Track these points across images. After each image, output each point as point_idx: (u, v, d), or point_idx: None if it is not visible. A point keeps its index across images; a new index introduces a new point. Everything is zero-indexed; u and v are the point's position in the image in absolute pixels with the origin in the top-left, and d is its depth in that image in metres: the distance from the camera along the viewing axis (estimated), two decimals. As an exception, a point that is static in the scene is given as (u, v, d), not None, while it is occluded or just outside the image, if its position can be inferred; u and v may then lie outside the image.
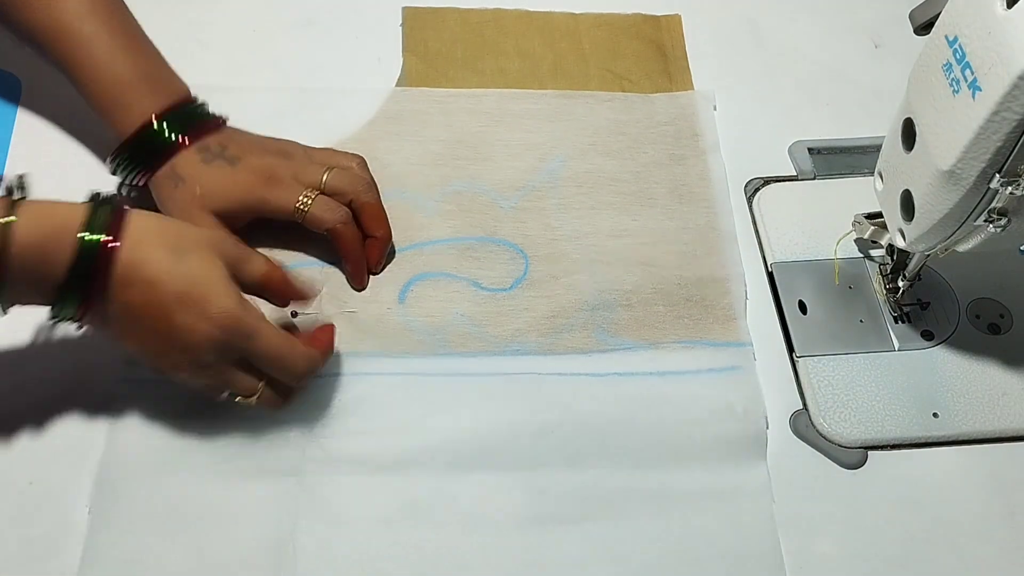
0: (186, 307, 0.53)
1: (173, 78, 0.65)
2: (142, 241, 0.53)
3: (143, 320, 0.53)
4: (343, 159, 0.68)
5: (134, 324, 0.54)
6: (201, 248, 0.54)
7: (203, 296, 0.53)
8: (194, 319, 0.53)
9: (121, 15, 0.64)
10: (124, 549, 0.57)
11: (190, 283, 0.53)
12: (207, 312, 0.53)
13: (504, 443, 0.62)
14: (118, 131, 0.64)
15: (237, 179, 0.64)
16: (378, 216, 0.68)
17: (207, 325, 0.53)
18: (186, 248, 0.54)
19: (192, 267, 0.53)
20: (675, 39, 0.83)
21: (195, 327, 0.53)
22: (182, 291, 0.53)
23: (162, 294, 0.52)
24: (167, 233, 0.54)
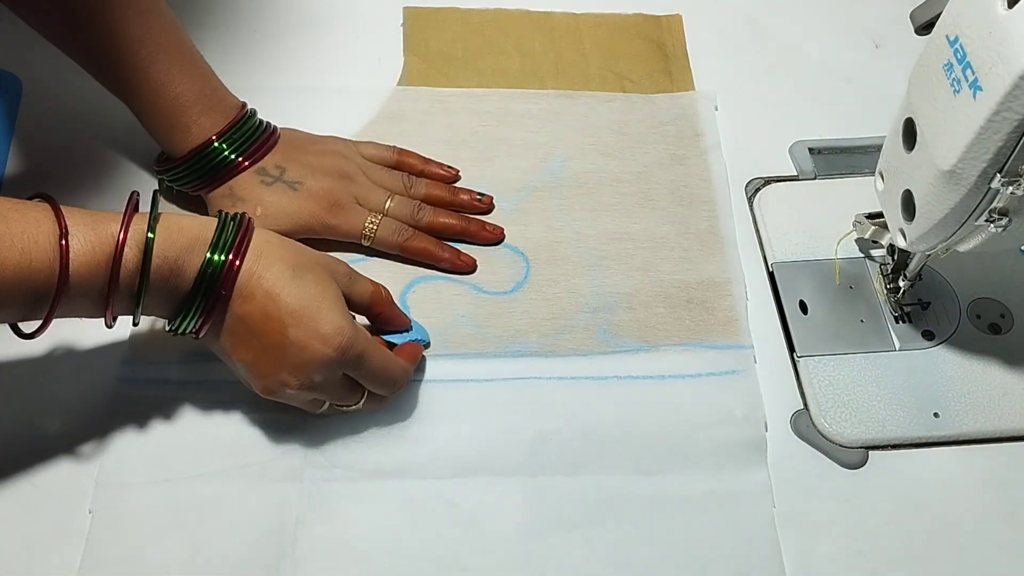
0: (301, 323, 0.54)
1: (227, 95, 0.66)
2: (263, 255, 0.54)
3: (258, 333, 0.54)
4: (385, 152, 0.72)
5: (249, 337, 0.54)
6: (317, 267, 0.56)
7: (318, 314, 0.54)
8: (308, 336, 0.54)
9: (176, 36, 0.64)
10: (125, 551, 0.57)
11: (306, 300, 0.54)
12: (321, 330, 0.54)
13: (504, 448, 0.62)
14: (171, 150, 0.65)
15: (301, 205, 0.66)
16: (446, 227, 0.70)
17: (320, 343, 0.54)
18: (304, 266, 0.55)
19: (308, 285, 0.55)
20: (676, 39, 0.83)
21: (308, 344, 0.54)
22: (297, 307, 0.54)
23: (279, 308, 0.54)
24: (287, 250, 0.56)
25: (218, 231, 0.53)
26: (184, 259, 0.52)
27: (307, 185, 0.66)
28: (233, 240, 0.53)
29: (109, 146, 0.70)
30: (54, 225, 0.50)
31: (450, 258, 0.68)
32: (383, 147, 0.72)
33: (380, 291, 0.61)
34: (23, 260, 0.48)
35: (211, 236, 0.53)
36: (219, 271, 0.53)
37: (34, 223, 0.49)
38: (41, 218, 0.50)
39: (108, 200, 0.69)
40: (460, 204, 0.71)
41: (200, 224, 0.54)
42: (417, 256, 0.68)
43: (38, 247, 0.49)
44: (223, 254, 0.53)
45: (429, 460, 0.61)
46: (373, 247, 0.68)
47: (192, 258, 0.52)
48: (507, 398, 0.64)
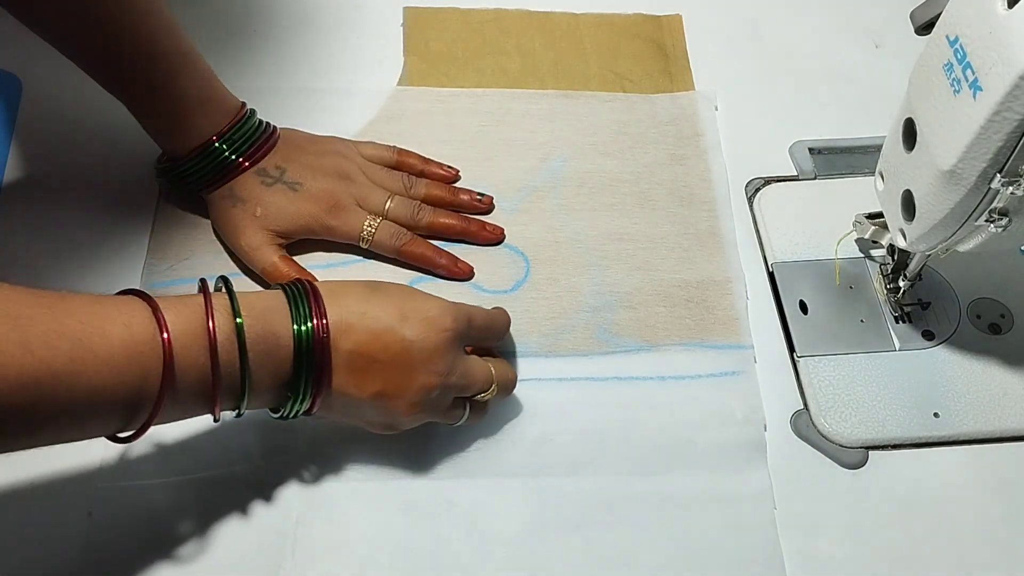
0: (408, 319, 0.54)
1: (226, 96, 0.66)
2: (336, 293, 0.54)
3: (376, 354, 0.53)
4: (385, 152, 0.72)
5: (369, 364, 0.53)
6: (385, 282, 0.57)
7: (416, 305, 0.55)
8: (422, 327, 0.54)
9: (175, 36, 0.63)
10: (126, 554, 0.57)
11: (398, 302, 0.55)
12: (429, 315, 0.55)
13: (505, 449, 0.62)
14: (171, 151, 0.65)
15: (300, 206, 0.66)
16: (447, 228, 0.70)
17: (436, 327, 0.55)
18: (373, 282, 0.56)
19: (390, 291, 0.56)
20: (676, 39, 0.83)
21: (428, 334, 0.55)
22: (396, 310, 0.54)
23: (381, 320, 0.54)
24: (349, 281, 0.56)
25: (290, 301, 0.52)
26: (272, 327, 0.51)
27: (307, 186, 0.66)
28: (308, 304, 0.52)
29: (109, 146, 0.70)
30: (144, 303, 0.48)
31: (447, 264, 0.68)
32: (383, 147, 0.72)
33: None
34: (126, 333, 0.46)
35: (282, 302, 0.52)
36: (311, 334, 0.51)
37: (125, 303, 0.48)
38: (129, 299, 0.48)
39: (108, 200, 0.69)
40: (460, 204, 0.71)
41: (271, 295, 0.53)
42: (414, 261, 0.68)
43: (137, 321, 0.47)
44: (307, 321, 0.52)
45: (430, 461, 0.61)
46: (371, 250, 0.68)
47: (279, 324, 0.51)
48: (508, 399, 0.63)
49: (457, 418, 0.59)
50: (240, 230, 0.65)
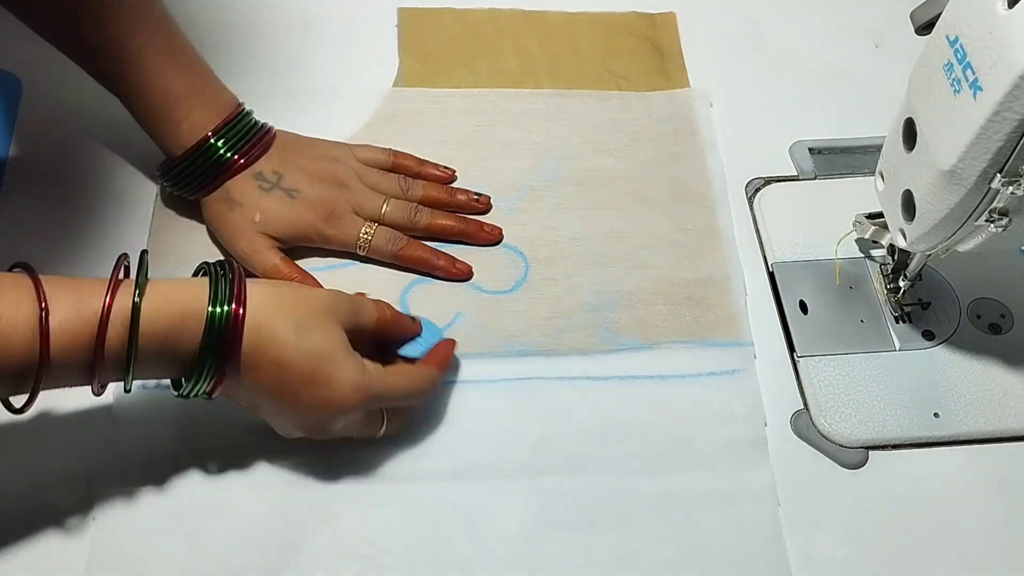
0: (315, 386, 0.53)
1: (221, 91, 0.66)
2: (267, 316, 0.52)
3: (274, 397, 0.54)
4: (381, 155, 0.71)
5: (264, 402, 0.54)
6: (320, 318, 0.54)
7: (329, 375, 0.53)
8: (324, 398, 0.54)
9: (168, 30, 0.63)
10: (129, 557, 0.57)
11: (316, 362, 0.53)
12: (336, 389, 0.54)
13: (506, 449, 0.62)
14: (166, 148, 0.65)
15: (298, 213, 0.65)
16: (444, 229, 0.69)
17: (336, 401, 0.54)
18: (306, 322, 0.53)
19: (315, 344, 0.53)
20: (671, 37, 0.83)
21: (325, 405, 0.54)
22: (309, 372, 0.53)
23: (290, 376, 0.53)
24: (288, 305, 0.53)
25: (212, 285, 0.52)
26: (178, 330, 0.50)
27: (304, 193, 0.66)
28: (229, 291, 0.51)
29: (109, 146, 0.70)
30: (34, 304, 0.47)
31: (445, 265, 0.68)
32: (379, 150, 0.72)
33: (384, 312, 0.59)
34: (2, 343, 0.46)
35: (204, 302, 0.51)
36: (223, 325, 0.51)
37: (13, 304, 0.47)
38: (21, 298, 0.48)
39: (107, 200, 0.69)
40: (458, 205, 0.71)
41: (191, 289, 0.52)
42: (412, 264, 0.68)
43: (16, 331, 0.47)
44: (224, 305, 0.51)
45: (431, 462, 0.61)
46: (368, 256, 0.68)
47: (187, 328, 0.50)
48: (508, 399, 0.63)
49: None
50: (239, 234, 0.65)
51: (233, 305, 0.51)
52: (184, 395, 0.53)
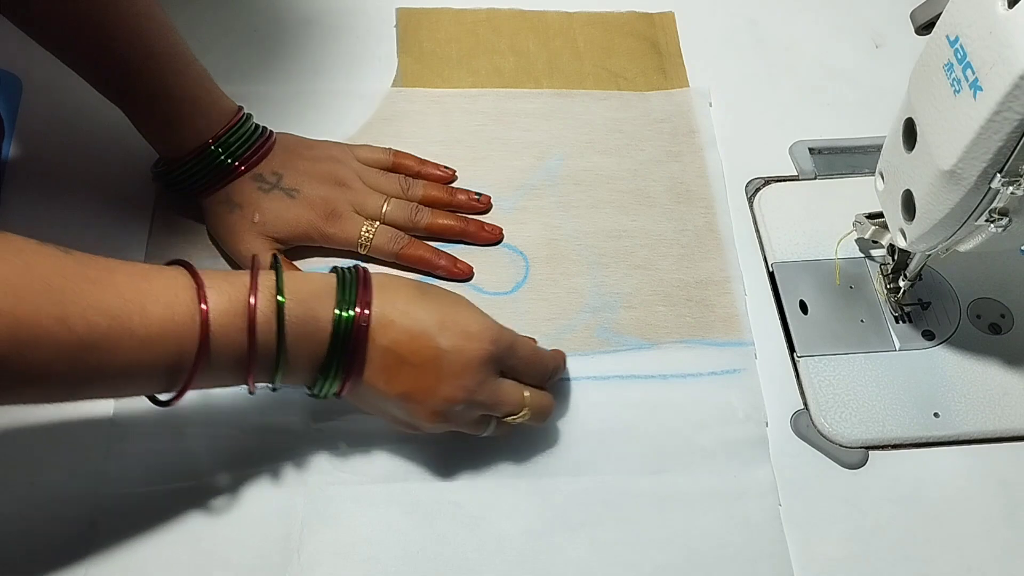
0: (447, 330, 0.54)
1: (222, 99, 0.66)
2: (385, 286, 0.54)
3: (408, 356, 0.54)
4: (381, 155, 0.71)
5: (400, 365, 0.54)
6: (436, 285, 0.58)
7: (460, 317, 0.55)
8: (458, 339, 0.54)
9: (169, 39, 0.63)
10: (130, 559, 0.57)
11: (443, 308, 0.55)
12: (469, 330, 0.55)
13: (508, 450, 0.62)
14: (166, 154, 0.65)
15: (298, 213, 0.66)
16: (445, 229, 0.70)
17: (473, 342, 0.54)
18: (425, 285, 0.57)
19: (439, 296, 0.56)
20: (669, 36, 0.83)
21: (462, 347, 0.54)
22: (439, 317, 0.54)
23: (421, 323, 0.54)
24: (403, 279, 0.56)
25: (340, 284, 0.53)
26: (315, 309, 0.52)
27: (304, 193, 0.66)
28: (355, 292, 0.53)
29: (109, 146, 0.70)
30: (191, 281, 0.50)
31: (446, 265, 0.68)
32: (379, 150, 0.72)
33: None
34: (167, 313, 0.48)
35: (334, 286, 0.53)
36: (351, 322, 0.52)
37: (172, 279, 0.49)
38: (178, 275, 0.50)
39: (107, 200, 0.69)
40: (458, 204, 0.71)
41: (322, 278, 0.54)
42: (413, 264, 0.68)
43: (179, 300, 0.49)
44: (351, 308, 0.52)
45: (433, 462, 0.61)
46: (370, 255, 0.67)
47: (323, 304, 0.52)
48: None
49: (481, 432, 0.59)
50: (238, 235, 0.65)
51: (358, 309, 0.52)
52: (315, 394, 0.55)
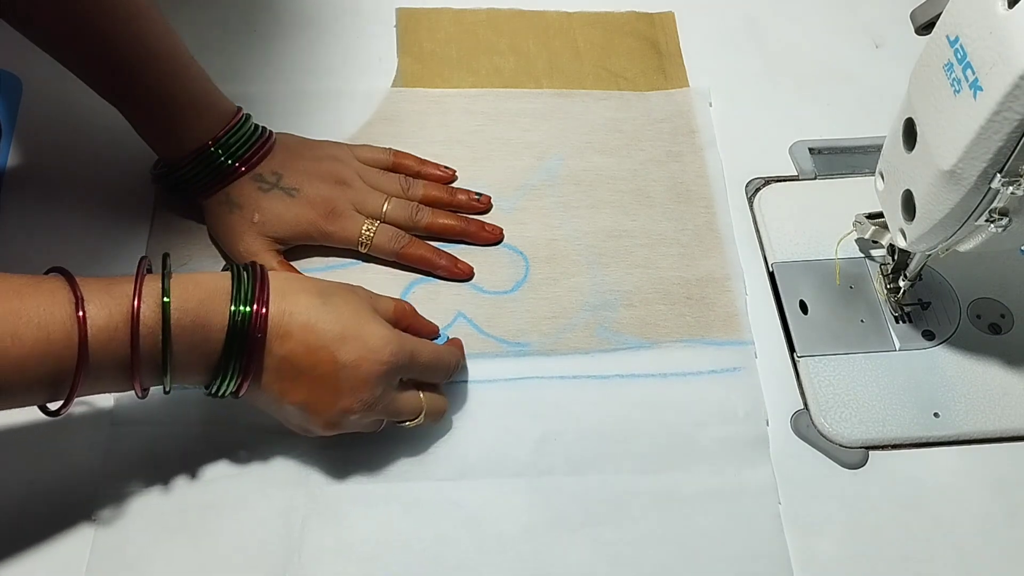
0: (346, 344, 0.53)
1: (221, 100, 0.66)
2: (286, 293, 0.53)
3: (307, 368, 0.53)
4: (381, 155, 0.71)
5: (298, 375, 0.53)
6: (341, 290, 0.56)
7: (360, 330, 0.54)
8: (358, 354, 0.54)
9: (168, 41, 0.63)
10: (130, 559, 0.57)
11: (344, 321, 0.54)
12: (368, 344, 0.54)
13: (508, 449, 0.62)
14: (166, 156, 0.65)
15: (298, 212, 0.66)
16: (445, 229, 0.70)
17: (372, 356, 0.54)
18: (328, 291, 0.55)
19: (340, 307, 0.54)
20: (669, 36, 0.83)
21: (360, 362, 0.54)
22: (339, 330, 0.53)
23: (320, 336, 0.53)
24: (307, 283, 0.55)
25: (235, 282, 0.52)
26: (206, 311, 0.51)
27: (304, 192, 0.66)
28: (252, 289, 0.52)
29: (109, 146, 0.70)
30: (69, 294, 0.48)
31: (447, 265, 0.68)
32: (379, 149, 0.72)
33: (403, 305, 0.60)
34: (41, 334, 0.47)
35: (229, 286, 0.52)
36: (247, 321, 0.51)
37: (48, 295, 0.48)
38: (55, 289, 0.49)
39: (107, 200, 0.69)
40: (458, 204, 0.71)
41: (215, 276, 0.53)
42: (414, 263, 0.68)
43: (55, 319, 0.47)
44: (247, 305, 0.52)
45: (433, 462, 0.61)
46: (370, 254, 0.68)
47: (215, 309, 0.51)
48: (510, 398, 0.64)
49: (375, 430, 0.59)
50: (238, 236, 0.65)
51: (255, 305, 0.52)
52: (213, 394, 0.54)
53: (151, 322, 0.49)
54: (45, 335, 0.47)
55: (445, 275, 0.68)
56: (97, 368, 0.49)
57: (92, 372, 0.49)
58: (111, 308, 0.49)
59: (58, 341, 0.47)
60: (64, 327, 0.48)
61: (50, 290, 0.48)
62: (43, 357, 0.47)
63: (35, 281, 0.49)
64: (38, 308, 0.47)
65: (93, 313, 0.48)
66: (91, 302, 0.48)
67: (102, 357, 0.49)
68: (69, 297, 0.48)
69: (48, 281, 0.49)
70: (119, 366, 0.50)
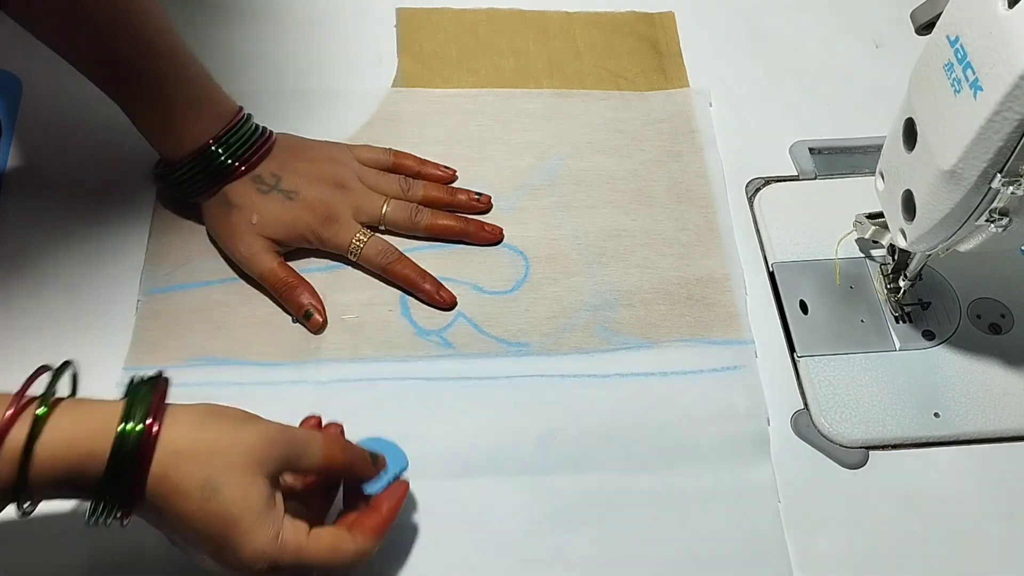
0: (219, 549, 0.48)
1: (222, 99, 0.66)
2: (174, 462, 0.47)
3: (182, 547, 0.50)
4: (381, 155, 0.71)
5: (171, 537, 0.50)
6: (238, 472, 0.48)
7: (235, 541, 0.48)
8: (229, 560, 0.48)
9: (170, 39, 0.63)
10: (128, 556, 0.57)
11: (221, 524, 0.47)
12: (240, 556, 0.48)
13: (508, 447, 0.62)
14: (166, 155, 0.65)
15: (296, 215, 0.65)
16: (445, 229, 0.69)
17: (244, 568, 0.48)
18: (218, 478, 0.47)
19: (221, 505, 0.47)
20: (669, 36, 0.83)
21: (231, 566, 0.49)
22: (211, 534, 0.47)
23: (192, 533, 0.48)
24: (203, 453, 0.47)
25: (128, 400, 0.47)
26: (87, 441, 0.45)
27: (303, 195, 0.66)
28: (145, 408, 0.46)
29: (109, 146, 0.70)
30: None
31: (430, 291, 0.67)
32: (379, 150, 0.72)
33: (334, 454, 0.52)
34: None
35: (120, 412, 0.46)
36: (135, 445, 0.45)
37: None
38: None
39: (107, 200, 0.69)
40: (458, 204, 0.71)
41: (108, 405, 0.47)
42: (398, 281, 0.67)
43: None
44: (136, 424, 0.46)
45: (433, 460, 0.61)
46: (360, 263, 0.67)
47: (98, 439, 0.45)
48: (510, 397, 0.64)
49: None
50: (237, 236, 0.65)
51: (148, 420, 0.46)
52: (94, 519, 0.47)
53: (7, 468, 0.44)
54: None
55: (426, 300, 0.67)
56: None
57: None
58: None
59: None
60: None
61: None
62: None
63: None
64: None
65: None
66: None
67: None
68: None
69: None
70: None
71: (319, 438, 0.52)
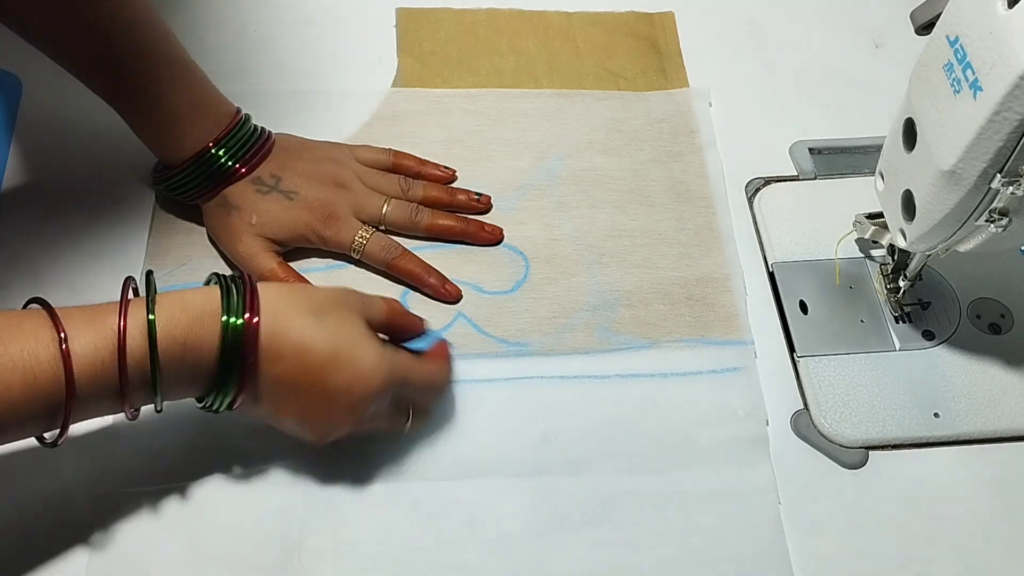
0: (340, 367, 0.53)
1: (221, 102, 0.65)
2: (279, 312, 0.52)
3: (298, 390, 0.53)
4: (381, 155, 0.71)
5: (289, 396, 0.53)
6: (335, 306, 0.54)
7: (353, 353, 0.53)
8: (350, 378, 0.53)
9: (168, 44, 0.63)
10: (129, 559, 0.57)
11: (337, 344, 0.53)
12: (361, 369, 0.53)
13: (508, 448, 0.62)
14: (166, 158, 0.65)
15: (296, 215, 0.66)
16: (445, 230, 0.70)
17: (364, 381, 0.53)
18: (322, 310, 0.53)
19: (333, 327, 0.53)
20: (669, 36, 0.83)
21: (353, 386, 0.53)
22: (332, 353, 0.52)
23: (313, 359, 0.52)
24: (300, 299, 0.54)
25: (224, 296, 0.51)
26: (196, 335, 0.50)
27: (303, 195, 0.66)
28: (241, 301, 0.51)
29: (109, 147, 0.70)
30: (53, 332, 0.47)
31: (435, 284, 0.67)
32: (379, 150, 0.72)
33: (393, 305, 0.59)
34: (28, 379, 0.46)
35: (217, 304, 0.51)
36: (240, 335, 0.50)
37: (32, 335, 0.47)
38: (38, 328, 0.47)
39: (107, 200, 0.69)
40: (458, 205, 0.71)
41: (203, 295, 0.51)
42: (403, 276, 0.67)
43: (40, 362, 0.47)
44: (238, 316, 0.51)
45: (433, 462, 0.61)
46: (362, 260, 0.68)
47: (204, 332, 0.50)
48: (510, 398, 0.64)
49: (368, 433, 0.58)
50: (237, 237, 0.65)
51: (247, 315, 0.51)
52: (207, 408, 0.53)
53: (139, 354, 0.49)
54: (32, 379, 0.46)
55: (432, 294, 0.67)
56: (87, 400, 0.48)
57: (83, 405, 0.48)
58: (96, 343, 0.48)
59: (45, 382, 0.47)
60: (50, 368, 0.47)
61: (32, 329, 0.47)
62: (32, 399, 0.47)
63: (16, 320, 0.48)
64: (22, 352, 0.47)
65: (79, 350, 0.47)
66: (75, 339, 0.47)
67: (91, 391, 0.48)
68: (53, 336, 0.47)
69: (29, 319, 0.48)
70: (110, 396, 0.49)
71: (378, 298, 0.58)
